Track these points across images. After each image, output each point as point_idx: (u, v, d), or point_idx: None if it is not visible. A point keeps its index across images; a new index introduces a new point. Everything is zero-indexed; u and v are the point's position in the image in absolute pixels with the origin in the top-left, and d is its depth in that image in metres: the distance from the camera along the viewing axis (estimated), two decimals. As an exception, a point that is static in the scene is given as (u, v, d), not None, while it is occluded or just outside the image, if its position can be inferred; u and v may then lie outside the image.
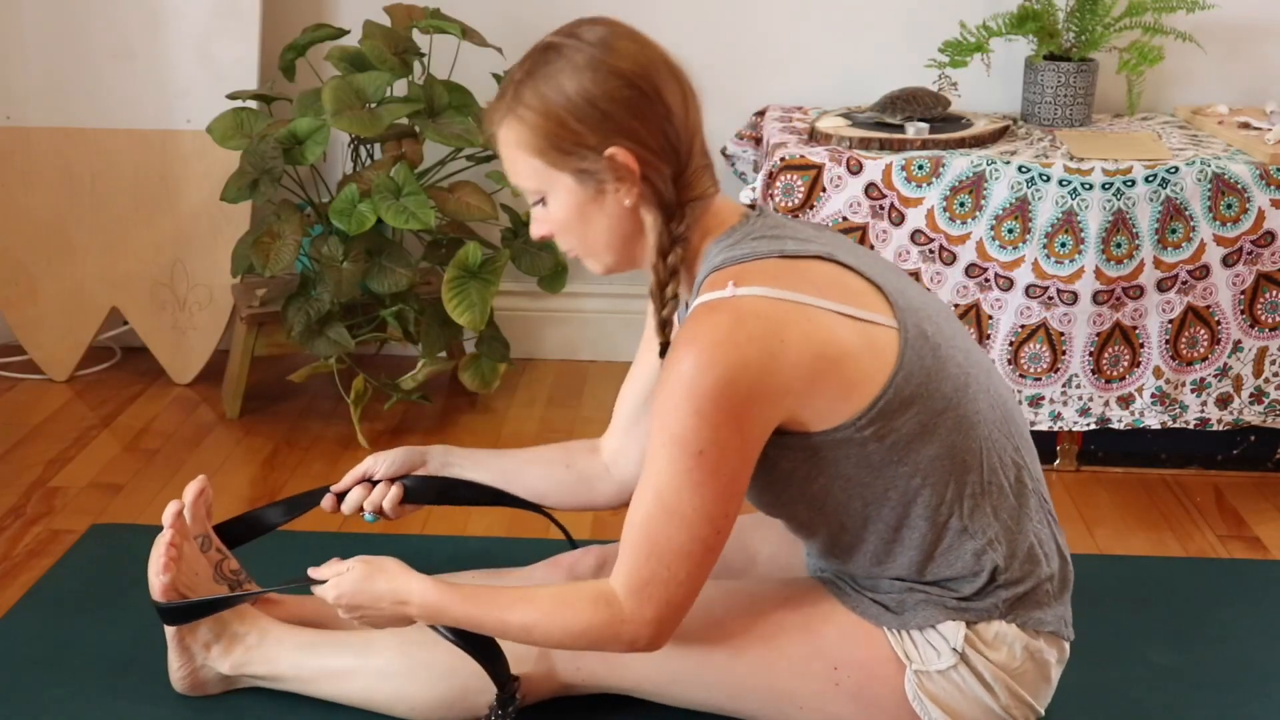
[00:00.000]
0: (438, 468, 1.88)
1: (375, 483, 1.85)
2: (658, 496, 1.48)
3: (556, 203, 1.54)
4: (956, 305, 2.51)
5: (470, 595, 1.60)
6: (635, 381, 1.85)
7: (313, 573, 1.67)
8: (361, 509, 1.85)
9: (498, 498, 1.87)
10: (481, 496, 1.88)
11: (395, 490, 1.84)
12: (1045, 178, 2.45)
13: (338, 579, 1.63)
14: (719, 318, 1.46)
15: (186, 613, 1.78)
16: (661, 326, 1.58)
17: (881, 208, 2.49)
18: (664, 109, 1.50)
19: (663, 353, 1.60)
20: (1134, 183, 2.43)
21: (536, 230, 1.59)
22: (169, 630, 1.82)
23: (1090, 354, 2.51)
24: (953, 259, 2.49)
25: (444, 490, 1.87)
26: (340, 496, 1.86)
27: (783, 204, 2.49)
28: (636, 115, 1.49)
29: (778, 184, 2.49)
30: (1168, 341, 2.50)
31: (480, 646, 1.66)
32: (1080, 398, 2.54)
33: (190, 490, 1.82)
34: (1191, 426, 2.56)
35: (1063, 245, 2.45)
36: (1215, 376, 2.53)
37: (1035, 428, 2.56)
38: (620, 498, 1.87)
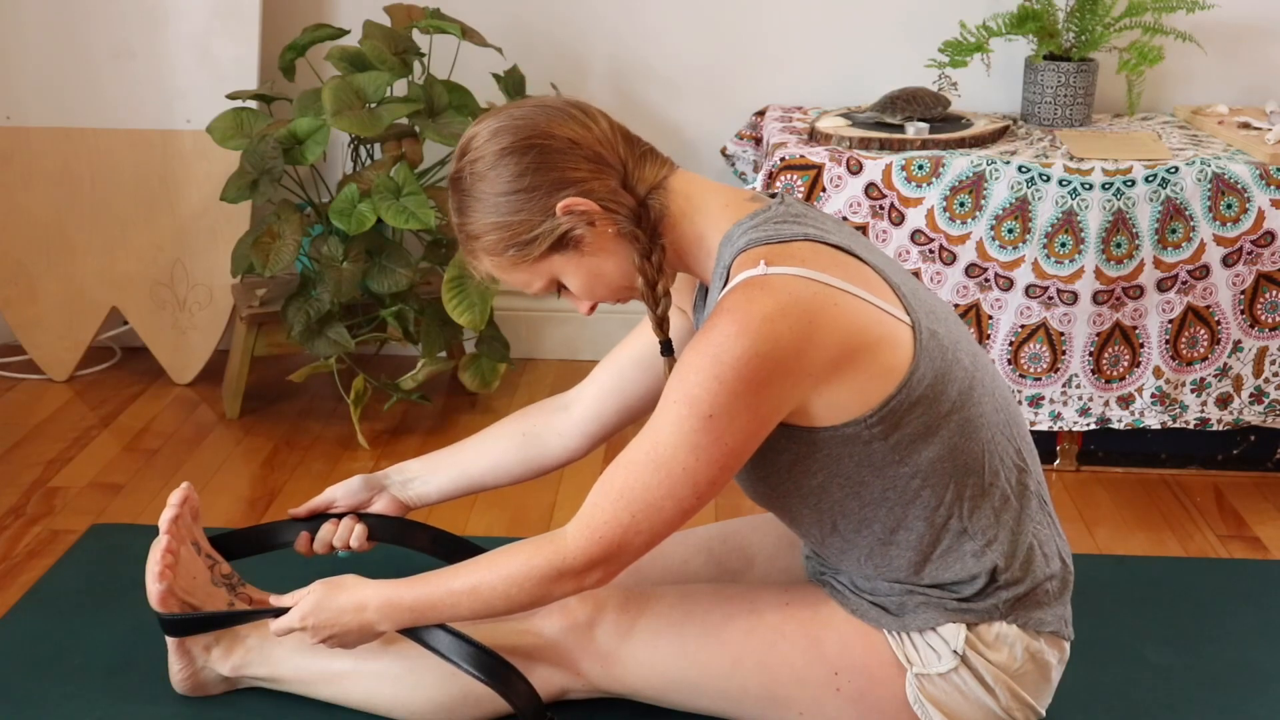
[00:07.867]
0: (399, 489, 1.90)
1: (339, 515, 1.88)
2: (653, 447, 1.49)
3: (568, 279, 1.58)
4: (956, 305, 2.51)
5: (419, 578, 1.64)
6: (623, 351, 1.84)
7: (275, 600, 1.71)
8: (333, 547, 1.88)
9: (449, 554, 1.89)
10: (435, 549, 1.92)
11: (361, 527, 1.87)
12: (1045, 178, 2.45)
13: (300, 603, 1.66)
14: (758, 293, 1.46)
15: (185, 625, 1.78)
16: (659, 324, 1.60)
17: (881, 208, 2.49)
18: (567, 144, 1.53)
19: (663, 350, 1.62)
20: (1134, 183, 2.43)
21: (582, 309, 1.63)
22: (169, 631, 1.82)
23: (1090, 354, 2.51)
24: (953, 259, 2.49)
25: (399, 533, 1.91)
26: (312, 534, 1.88)
27: (783, 204, 2.49)
28: (551, 168, 1.52)
29: (778, 184, 2.49)
30: (1168, 341, 2.50)
31: (502, 676, 1.67)
32: (1080, 398, 2.54)
33: (176, 496, 1.82)
34: (1191, 426, 2.56)
35: (1063, 245, 2.45)
36: (1215, 376, 2.53)
37: (1035, 428, 2.56)
38: (573, 455, 1.88)
